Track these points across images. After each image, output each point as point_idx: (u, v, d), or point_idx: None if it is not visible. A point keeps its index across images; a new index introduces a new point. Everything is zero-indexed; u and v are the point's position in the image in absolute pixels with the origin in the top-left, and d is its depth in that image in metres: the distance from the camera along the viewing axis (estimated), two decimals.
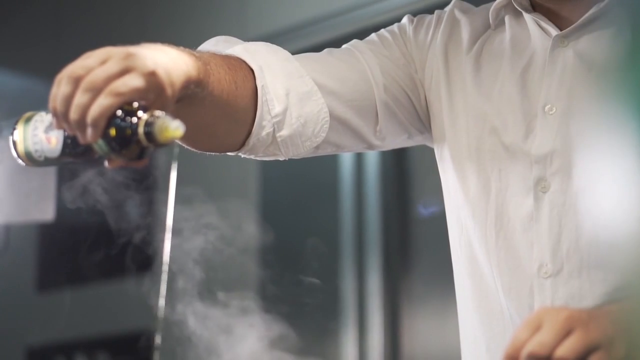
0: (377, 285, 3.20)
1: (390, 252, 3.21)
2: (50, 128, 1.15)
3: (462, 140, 1.44)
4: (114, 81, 1.08)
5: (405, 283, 3.17)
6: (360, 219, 3.29)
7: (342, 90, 1.42)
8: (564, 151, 1.35)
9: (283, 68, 1.36)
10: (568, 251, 1.33)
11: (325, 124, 1.40)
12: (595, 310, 1.07)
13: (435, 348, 3.06)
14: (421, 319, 3.11)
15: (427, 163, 3.10)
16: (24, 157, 1.18)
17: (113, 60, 1.10)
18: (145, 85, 1.09)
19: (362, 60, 1.46)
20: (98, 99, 1.08)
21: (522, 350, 1.02)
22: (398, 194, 3.24)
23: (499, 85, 1.43)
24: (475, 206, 1.41)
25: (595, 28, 1.39)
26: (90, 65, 1.09)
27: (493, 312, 1.40)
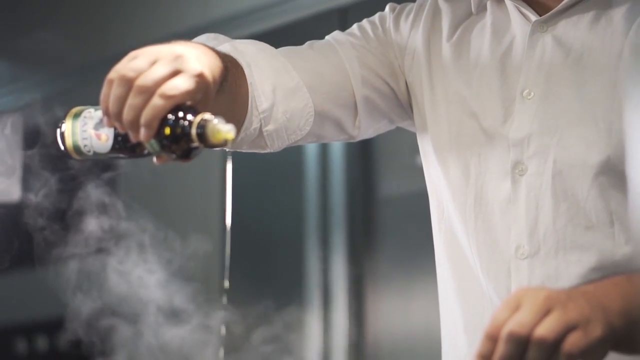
0: (341, 267, 3.21)
1: (355, 233, 3.23)
2: (100, 125, 1.20)
3: (443, 125, 1.46)
4: (165, 83, 1.12)
5: (369, 264, 3.19)
6: (325, 200, 3.30)
7: (320, 84, 1.45)
8: (540, 135, 1.37)
9: (270, 65, 1.39)
10: (545, 233, 1.35)
11: (310, 118, 1.44)
12: (572, 290, 1.09)
13: (400, 328, 3.09)
14: (385, 299, 3.13)
15: (391, 145, 3.13)
16: (72, 151, 1.23)
17: (163, 62, 1.14)
18: (195, 87, 1.14)
19: (341, 54, 1.49)
20: (151, 100, 1.12)
21: (502, 330, 1.04)
22: (363, 175, 3.26)
23: (479, 70, 1.45)
24: (455, 189, 1.44)
25: (573, 14, 1.41)
26: (141, 67, 1.13)
27: (472, 293, 1.43)
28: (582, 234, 1.33)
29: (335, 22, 3.28)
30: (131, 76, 1.13)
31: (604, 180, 1.33)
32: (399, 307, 3.10)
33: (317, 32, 3.40)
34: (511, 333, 1.03)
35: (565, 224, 1.34)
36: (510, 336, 1.03)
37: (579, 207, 1.34)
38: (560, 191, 1.35)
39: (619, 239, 1.32)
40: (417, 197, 3.10)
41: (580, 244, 1.33)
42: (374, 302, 3.16)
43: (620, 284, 1.11)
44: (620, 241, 1.32)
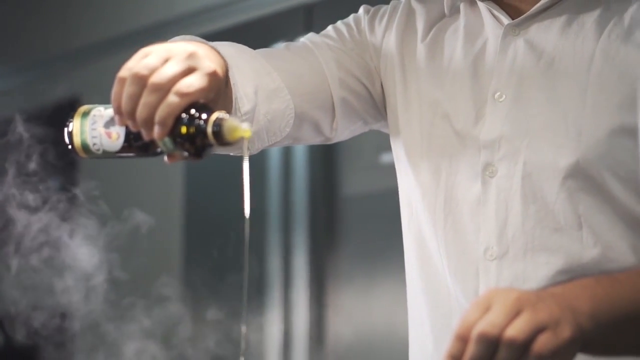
0: (303, 265, 3.22)
1: (317, 232, 3.23)
2: (111, 123, 1.19)
3: (415, 126, 1.46)
4: (179, 81, 1.11)
5: (331, 262, 3.20)
6: (287, 197, 3.30)
7: (299, 86, 1.45)
8: (511, 137, 1.38)
9: (251, 66, 1.39)
10: (514, 235, 1.36)
11: (290, 120, 1.43)
12: (542, 291, 1.10)
13: (361, 326, 3.10)
14: (347, 298, 3.14)
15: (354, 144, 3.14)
16: (80, 150, 1.22)
17: (176, 59, 1.13)
18: (209, 86, 1.13)
19: (318, 55, 1.49)
20: (166, 98, 1.11)
21: (473, 330, 1.04)
22: (325, 173, 3.26)
23: (452, 72, 1.45)
24: (426, 190, 1.44)
25: (545, 18, 1.42)
26: (154, 65, 1.12)
27: (439, 294, 1.43)
28: (550, 237, 1.34)
29: (300, 19, 3.28)
30: (145, 74, 1.12)
31: (572, 184, 1.34)
32: (360, 305, 3.11)
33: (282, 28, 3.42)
34: (482, 333, 1.03)
35: (534, 226, 1.35)
36: (481, 336, 1.03)
37: (547, 210, 1.35)
38: (529, 193, 1.36)
39: (587, 242, 1.34)
40: (379, 196, 3.12)
41: (549, 246, 1.34)
42: (335, 300, 3.17)
43: (589, 285, 1.12)
44: (588, 244, 1.33)
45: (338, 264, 3.19)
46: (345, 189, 3.24)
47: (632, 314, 1.12)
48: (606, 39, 1.37)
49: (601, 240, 1.34)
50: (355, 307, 3.12)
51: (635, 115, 1.33)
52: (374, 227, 3.11)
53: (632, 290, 1.13)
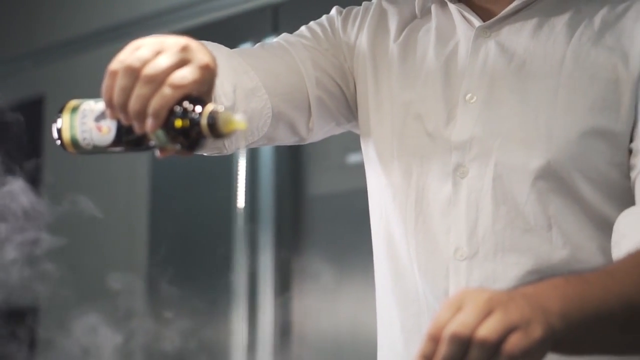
0: (269, 264, 3.21)
1: (283, 230, 3.23)
2: (102, 117, 1.16)
3: (387, 126, 1.47)
4: (173, 73, 1.10)
5: (297, 261, 3.20)
6: (253, 196, 3.30)
7: (276, 85, 1.44)
8: (482, 138, 1.38)
9: (229, 65, 1.38)
10: (484, 235, 1.37)
11: (268, 119, 1.43)
12: (513, 292, 1.10)
13: (327, 325, 3.10)
14: (312, 296, 3.14)
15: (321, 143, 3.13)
16: (69, 145, 1.19)
17: (169, 52, 1.11)
18: (202, 78, 1.12)
19: (294, 55, 1.49)
20: (160, 90, 1.09)
21: (444, 330, 1.05)
22: (292, 173, 3.26)
23: (424, 73, 1.46)
24: (397, 190, 1.45)
25: (516, 20, 1.43)
26: (146, 57, 1.10)
27: (409, 294, 1.44)
28: (520, 237, 1.35)
29: (268, 19, 3.28)
30: (137, 66, 1.10)
31: (543, 185, 1.35)
32: (326, 304, 3.11)
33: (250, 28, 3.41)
34: (454, 333, 1.03)
35: (504, 226, 1.36)
36: (453, 337, 1.03)
37: (518, 211, 1.36)
38: (500, 194, 1.36)
39: (557, 243, 1.35)
40: (345, 196, 3.13)
41: (519, 247, 1.35)
42: (301, 300, 3.17)
43: (559, 285, 1.12)
44: (558, 245, 1.35)
45: (304, 263, 3.19)
46: (312, 188, 3.24)
47: (602, 313, 1.12)
48: (577, 42, 1.38)
49: (570, 241, 1.35)
50: (322, 307, 3.12)
51: (605, 117, 1.35)
52: (341, 227, 3.11)
53: (601, 290, 1.14)
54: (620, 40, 1.37)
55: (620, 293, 1.15)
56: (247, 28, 3.29)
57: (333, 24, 1.55)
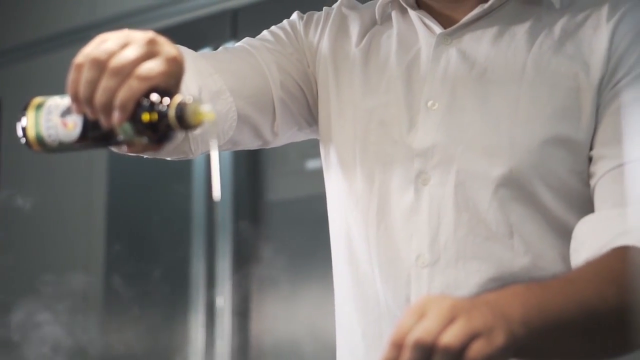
0: (227, 270, 3.20)
1: (241, 236, 3.22)
2: (68, 112, 1.13)
3: (349, 132, 1.47)
4: (140, 65, 1.08)
5: (255, 268, 3.19)
6: (211, 202, 3.29)
7: (242, 88, 1.44)
8: (444, 146, 1.38)
9: (194, 67, 1.36)
10: (446, 242, 1.37)
11: (233, 123, 1.42)
12: (475, 299, 1.10)
13: (284, 332, 3.09)
14: (270, 304, 3.14)
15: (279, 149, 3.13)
16: (35, 143, 1.16)
17: (136, 44, 1.09)
18: (169, 71, 1.09)
19: (259, 58, 1.48)
20: (127, 82, 1.07)
21: (407, 337, 1.05)
22: (250, 178, 3.25)
23: (386, 79, 1.46)
24: (359, 197, 1.44)
25: (477, 28, 1.43)
26: (113, 50, 1.08)
27: (369, 300, 1.43)
28: (482, 245, 1.36)
29: (227, 24, 3.27)
30: (103, 58, 1.08)
31: (504, 193, 1.35)
32: (284, 312, 3.10)
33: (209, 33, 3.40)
34: (417, 340, 1.04)
35: (466, 234, 1.36)
36: (416, 343, 1.04)
37: (479, 218, 1.36)
38: (462, 202, 1.37)
39: (518, 251, 1.35)
40: (304, 202, 3.13)
41: (480, 254, 1.36)
42: (259, 307, 3.16)
43: (520, 292, 1.13)
44: (519, 253, 1.35)
45: (262, 269, 3.19)
46: (270, 194, 3.23)
47: (562, 320, 1.13)
48: (537, 50, 1.39)
49: (532, 249, 1.35)
50: (279, 313, 3.12)
51: (566, 125, 1.35)
52: (299, 232, 3.11)
53: (562, 297, 1.15)
54: (580, 49, 1.38)
55: (580, 300, 1.16)
56: (207, 33, 3.28)
57: (295, 28, 1.55)
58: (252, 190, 3.24)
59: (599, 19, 1.40)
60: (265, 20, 1.60)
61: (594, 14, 1.41)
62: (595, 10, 1.41)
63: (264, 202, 3.23)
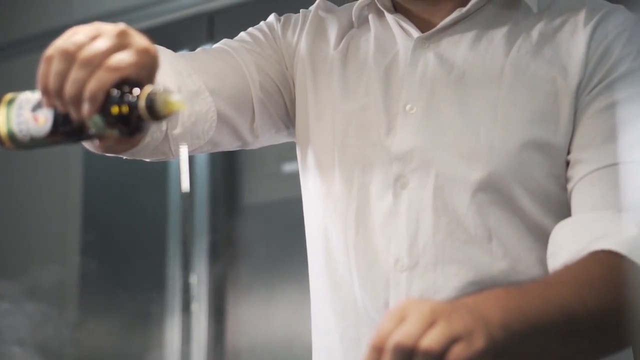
0: (203, 273, 3.20)
1: (218, 241, 3.22)
2: (38, 106, 1.11)
3: (327, 136, 1.46)
4: (110, 56, 1.07)
5: (231, 270, 3.18)
6: (187, 205, 3.28)
7: (222, 89, 1.43)
8: (423, 150, 1.38)
9: (172, 67, 1.36)
10: (424, 246, 1.37)
11: (213, 123, 1.41)
12: (455, 302, 1.10)
13: (260, 336, 3.09)
14: (247, 307, 3.13)
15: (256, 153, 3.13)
16: (6, 139, 1.13)
17: (106, 36, 1.08)
18: (140, 62, 1.08)
19: (238, 59, 1.47)
20: (96, 73, 1.06)
21: (388, 340, 1.05)
22: (226, 182, 3.25)
23: (364, 82, 1.46)
24: (337, 200, 1.44)
25: (455, 32, 1.43)
26: (82, 42, 1.07)
27: (347, 304, 1.43)
28: (460, 248, 1.36)
29: (203, 27, 3.27)
30: (73, 50, 1.07)
31: (483, 197, 1.35)
32: (260, 315, 3.10)
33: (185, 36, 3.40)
34: (397, 344, 1.04)
35: (444, 237, 1.36)
36: (397, 347, 1.04)
37: (458, 222, 1.36)
38: (440, 205, 1.37)
39: (496, 254, 1.35)
40: (280, 205, 3.13)
41: (459, 258, 1.36)
42: (235, 310, 3.16)
43: (499, 296, 1.13)
44: (498, 256, 1.35)
45: (238, 273, 3.18)
46: (247, 198, 3.23)
47: (541, 323, 1.13)
48: (515, 54, 1.39)
49: (510, 252, 1.36)
50: (255, 316, 3.11)
51: (544, 129, 1.36)
52: (275, 236, 3.10)
53: (541, 301, 1.15)
54: (558, 53, 1.39)
55: (559, 304, 1.16)
56: (183, 36, 3.27)
57: (273, 30, 1.54)
58: (229, 194, 3.24)
59: (576, 24, 1.41)
60: (241, 24, 1.60)
61: (571, 19, 1.41)
62: (572, 14, 1.42)
63: (240, 205, 3.23)
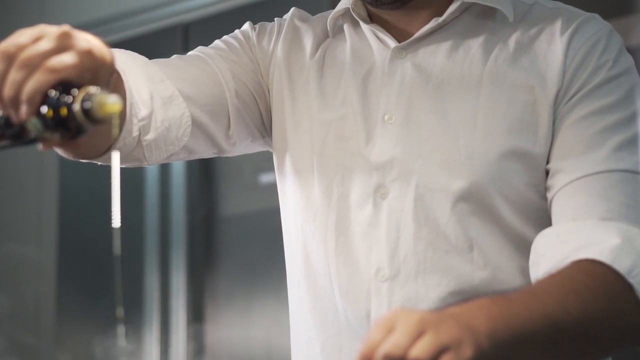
0: (181, 285, 3.20)
1: (195, 252, 3.21)
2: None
3: (306, 145, 1.46)
4: (49, 58, 1.05)
5: (209, 283, 3.18)
6: (165, 216, 3.28)
7: (197, 95, 1.42)
8: (403, 159, 1.39)
9: (144, 72, 1.35)
10: (405, 256, 1.37)
11: (188, 129, 1.40)
12: (442, 313, 1.11)
13: (239, 346, 3.09)
14: (225, 317, 3.13)
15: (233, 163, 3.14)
16: None
17: (48, 38, 1.06)
18: (81, 64, 1.06)
19: (214, 66, 1.47)
20: (34, 75, 1.05)
21: (377, 351, 1.05)
22: (203, 193, 3.25)
23: (342, 92, 1.46)
24: (317, 210, 1.44)
25: (432, 42, 1.44)
26: (23, 43, 1.06)
27: (328, 315, 1.43)
28: (442, 258, 1.36)
29: (178, 38, 3.27)
30: (12, 51, 1.05)
31: (464, 207, 1.36)
32: (239, 326, 3.10)
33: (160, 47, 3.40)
34: (386, 354, 1.04)
35: (425, 247, 1.36)
36: (386, 357, 1.03)
37: (439, 232, 1.36)
38: (421, 215, 1.37)
39: (478, 264, 1.36)
40: (258, 216, 3.13)
41: (440, 268, 1.36)
42: (213, 321, 3.15)
43: (485, 306, 1.13)
44: (479, 266, 1.36)
45: (216, 284, 3.18)
46: (224, 208, 3.23)
47: (527, 332, 1.14)
48: (493, 63, 1.40)
49: (491, 262, 1.36)
50: (234, 328, 3.11)
51: (523, 139, 1.36)
52: (253, 247, 3.10)
53: (526, 310, 1.16)
54: (536, 62, 1.39)
55: (543, 313, 1.17)
56: (158, 47, 3.27)
57: (248, 38, 1.54)
58: (206, 205, 3.24)
59: (552, 33, 1.41)
60: (215, 35, 1.59)
61: (547, 28, 1.42)
62: (548, 24, 1.42)
63: (217, 216, 3.23)
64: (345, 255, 1.41)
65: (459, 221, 1.36)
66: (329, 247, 1.42)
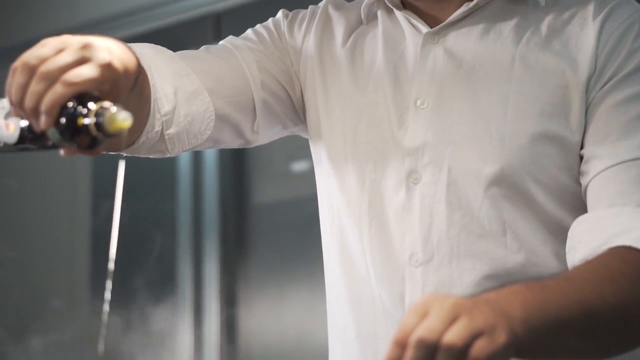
0: (214, 274, 3.20)
1: (228, 240, 3.22)
2: (10, 114, 1.15)
3: (338, 132, 1.47)
4: (69, 71, 1.09)
5: (242, 271, 3.19)
6: (197, 206, 3.29)
7: (221, 88, 1.44)
8: (435, 144, 1.39)
9: (169, 68, 1.37)
10: (439, 241, 1.37)
11: (211, 122, 1.42)
12: (476, 298, 1.10)
13: (272, 335, 3.10)
14: (258, 307, 3.14)
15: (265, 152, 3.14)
16: None
17: (69, 50, 1.10)
18: (100, 76, 1.10)
19: (239, 57, 1.48)
20: (53, 87, 1.08)
21: (411, 336, 1.05)
22: (236, 182, 3.25)
23: (374, 78, 1.46)
24: (350, 196, 1.44)
25: (463, 26, 1.44)
26: (46, 55, 1.10)
27: (364, 300, 1.43)
28: (475, 242, 1.36)
29: (209, 28, 3.27)
30: (34, 63, 1.09)
31: (496, 191, 1.36)
32: (272, 314, 3.10)
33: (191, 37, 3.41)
34: (420, 339, 1.04)
35: (458, 232, 1.37)
36: (420, 342, 1.04)
37: (472, 216, 1.36)
38: (454, 200, 1.37)
39: (511, 248, 1.36)
40: (289, 204, 3.13)
41: (474, 252, 1.36)
42: (246, 309, 3.16)
43: (520, 291, 1.13)
44: (513, 249, 1.36)
45: (249, 272, 3.19)
46: (256, 197, 3.23)
47: (561, 319, 1.13)
48: (524, 47, 1.40)
49: (525, 245, 1.36)
50: (267, 316, 3.12)
51: (555, 122, 1.36)
52: (285, 235, 3.11)
53: (561, 296, 1.15)
54: (567, 46, 1.39)
55: (578, 299, 1.16)
56: (189, 37, 3.28)
57: (279, 27, 1.55)
58: (238, 194, 3.24)
59: (585, 17, 1.41)
60: (247, 24, 1.60)
61: (579, 12, 1.41)
62: (580, 8, 1.42)
63: (250, 205, 3.23)
64: (379, 240, 1.42)
65: (492, 205, 1.36)
66: (363, 232, 1.43)
